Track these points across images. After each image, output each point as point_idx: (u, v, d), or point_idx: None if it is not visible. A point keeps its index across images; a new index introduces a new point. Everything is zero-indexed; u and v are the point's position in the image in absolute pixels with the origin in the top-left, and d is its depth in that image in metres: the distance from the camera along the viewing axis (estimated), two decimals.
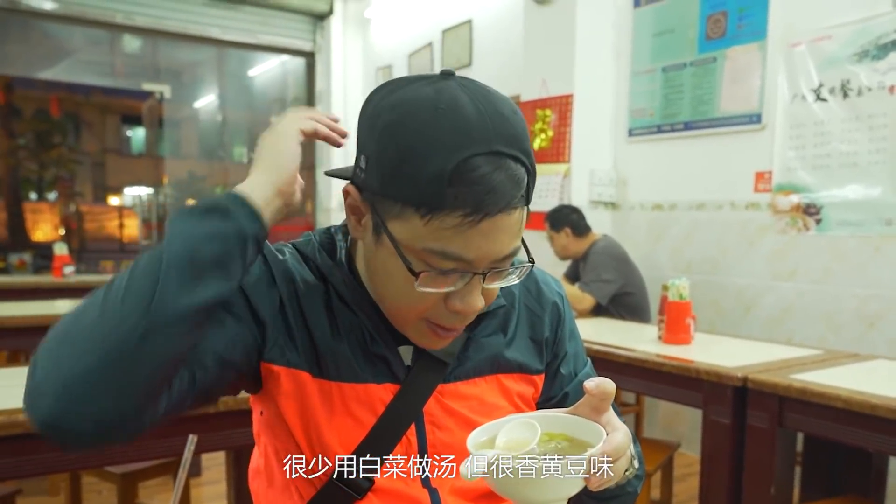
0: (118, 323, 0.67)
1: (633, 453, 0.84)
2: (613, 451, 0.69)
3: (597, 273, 3.30)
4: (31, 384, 0.67)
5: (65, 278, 4.39)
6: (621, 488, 0.86)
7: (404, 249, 0.75)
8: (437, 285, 0.76)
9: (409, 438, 0.87)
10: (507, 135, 0.73)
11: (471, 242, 0.73)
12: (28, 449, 1.45)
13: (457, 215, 0.71)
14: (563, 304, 1.01)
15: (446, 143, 0.71)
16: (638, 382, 2.35)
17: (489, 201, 0.71)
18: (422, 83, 0.76)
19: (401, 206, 0.74)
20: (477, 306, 0.79)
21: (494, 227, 0.73)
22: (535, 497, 0.68)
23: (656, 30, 3.74)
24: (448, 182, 0.70)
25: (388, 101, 0.76)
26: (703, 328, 3.24)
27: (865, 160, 2.91)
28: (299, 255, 0.90)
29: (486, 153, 0.71)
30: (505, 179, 0.72)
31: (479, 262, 0.75)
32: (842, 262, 3.02)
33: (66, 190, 10.56)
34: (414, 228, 0.73)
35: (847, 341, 2.96)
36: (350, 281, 0.87)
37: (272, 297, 0.84)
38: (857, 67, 2.92)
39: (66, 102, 10.34)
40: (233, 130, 9.28)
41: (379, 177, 0.75)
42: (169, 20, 5.80)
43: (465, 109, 0.72)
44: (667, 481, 2.52)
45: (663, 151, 3.77)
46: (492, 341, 0.93)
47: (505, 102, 0.76)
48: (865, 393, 1.76)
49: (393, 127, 0.73)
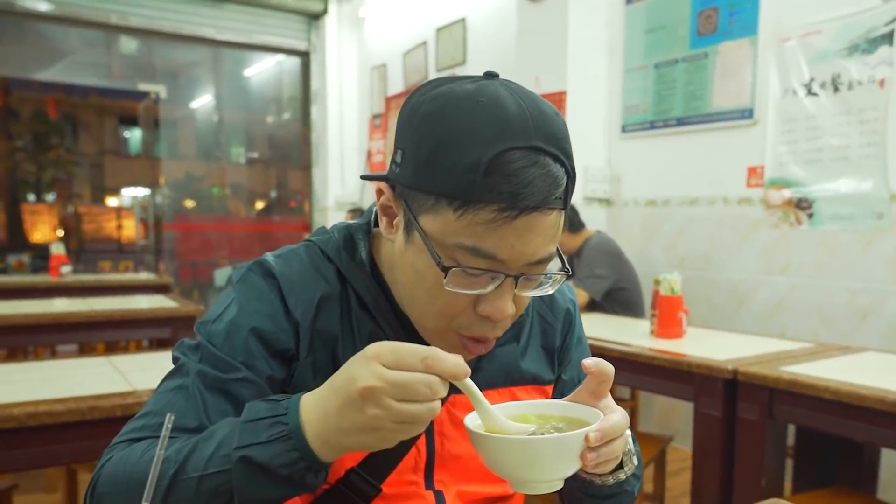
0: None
1: (632, 449, 0.84)
2: (610, 428, 0.69)
3: (590, 269, 3.31)
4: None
5: (61, 277, 4.40)
6: (619, 486, 0.83)
7: (435, 245, 0.73)
8: (467, 286, 0.73)
9: (419, 448, 0.86)
10: (547, 132, 0.71)
11: (504, 240, 0.70)
12: (21, 443, 1.46)
13: (491, 209, 0.69)
14: (574, 311, 1.00)
15: (485, 134, 0.69)
16: (630, 376, 2.37)
17: (525, 195, 0.69)
18: (465, 80, 0.75)
19: (434, 198, 0.72)
20: (507, 312, 0.75)
21: (529, 226, 0.71)
22: (530, 475, 0.68)
23: (648, 26, 3.75)
24: (484, 173, 0.68)
25: (429, 95, 0.74)
26: (696, 323, 3.26)
27: (856, 154, 2.92)
28: (320, 252, 0.86)
29: (525, 147, 0.69)
30: (542, 176, 0.70)
31: (512, 263, 0.72)
32: (834, 256, 3.03)
33: (65, 191, 10.56)
34: (446, 222, 0.71)
35: (839, 335, 2.98)
36: (372, 285, 0.85)
37: (289, 329, 0.81)
38: (847, 62, 2.94)
39: (63, 104, 10.34)
40: (229, 131, 9.29)
41: (413, 168, 0.73)
42: (163, 20, 5.81)
43: (505, 103, 0.71)
44: (660, 475, 2.53)
45: (656, 147, 3.78)
46: (505, 351, 0.91)
47: (548, 104, 0.75)
48: (854, 384, 1.78)
49: (432, 117, 0.72)
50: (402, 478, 0.85)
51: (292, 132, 7.42)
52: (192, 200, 9.76)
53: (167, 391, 0.78)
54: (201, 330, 0.82)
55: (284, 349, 0.80)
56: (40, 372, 1.83)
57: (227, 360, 0.78)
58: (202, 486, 0.67)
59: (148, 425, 0.76)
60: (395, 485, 0.85)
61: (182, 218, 8.99)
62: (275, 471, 0.66)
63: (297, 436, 0.66)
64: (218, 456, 0.67)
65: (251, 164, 10.26)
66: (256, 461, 0.66)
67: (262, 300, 0.81)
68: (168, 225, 8.29)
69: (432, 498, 0.87)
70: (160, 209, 8.36)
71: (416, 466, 0.86)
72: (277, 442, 0.66)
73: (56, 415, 1.48)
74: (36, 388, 1.61)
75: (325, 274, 0.84)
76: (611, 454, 0.70)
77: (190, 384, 0.77)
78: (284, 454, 0.66)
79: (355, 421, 0.63)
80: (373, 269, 0.86)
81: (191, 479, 0.67)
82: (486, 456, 0.69)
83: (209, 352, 0.79)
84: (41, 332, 3.01)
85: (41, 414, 1.46)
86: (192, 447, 0.69)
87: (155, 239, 8.05)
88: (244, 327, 0.79)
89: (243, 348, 0.79)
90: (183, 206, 9.50)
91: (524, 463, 0.67)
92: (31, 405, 1.48)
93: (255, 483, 0.66)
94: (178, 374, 0.80)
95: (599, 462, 0.69)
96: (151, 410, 0.78)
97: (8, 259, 5.70)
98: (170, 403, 0.77)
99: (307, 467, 0.66)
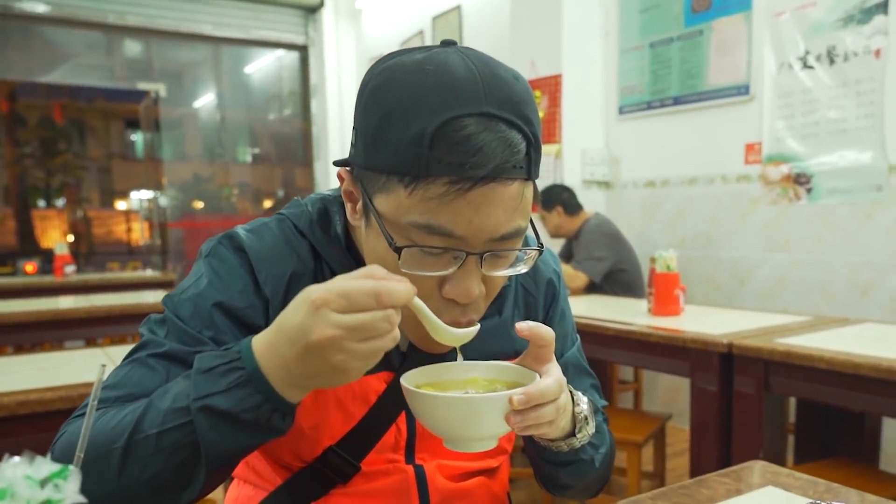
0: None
1: (589, 417, 0.81)
2: (538, 392, 0.67)
3: (589, 251, 3.30)
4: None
5: (66, 277, 4.44)
6: (575, 453, 0.81)
7: (389, 226, 0.69)
8: (427, 266, 0.70)
9: (399, 426, 0.85)
10: (500, 96, 0.67)
11: (459, 215, 0.66)
12: (12, 431, 1.47)
13: (442, 182, 0.65)
14: (558, 282, 0.97)
15: (430, 104, 0.65)
16: (627, 354, 2.36)
17: (475, 164, 0.64)
18: (416, 51, 0.71)
19: (385, 176, 0.68)
20: (473, 293, 0.71)
21: (486, 198, 0.66)
22: (458, 432, 0.68)
23: (643, 6, 3.72)
24: (430, 144, 0.65)
25: (377, 69, 0.71)
26: (698, 302, 3.24)
27: (854, 126, 2.89)
28: (293, 227, 0.84)
29: (475, 114, 0.65)
30: (494, 141, 0.65)
31: (472, 240, 0.68)
32: (834, 231, 3.00)
33: (74, 196, 10.65)
34: (398, 200, 0.68)
35: (841, 309, 2.95)
36: (347, 261, 0.82)
37: (258, 305, 0.79)
38: (842, 33, 2.90)
39: (69, 109, 10.42)
40: (233, 129, 9.32)
41: (363, 147, 0.70)
42: (161, 19, 5.84)
43: (454, 70, 0.67)
44: (659, 453, 2.52)
45: (654, 128, 3.75)
46: (489, 325, 0.87)
47: (506, 68, 0.71)
48: (849, 353, 1.76)
49: (377, 91, 0.69)
50: (382, 456, 0.85)
51: (296, 128, 7.43)
52: (201, 201, 9.81)
53: (128, 363, 0.76)
54: (168, 303, 0.80)
55: (253, 324, 0.78)
56: (35, 363, 1.84)
57: (193, 333, 0.76)
58: (161, 441, 0.64)
59: (106, 398, 0.73)
60: (374, 463, 0.84)
61: (189, 218, 9.05)
62: (239, 416, 0.63)
63: (257, 379, 0.63)
64: (175, 409, 0.64)
65: (256, 163, 10.30)
66: (219, 409, 0.63)
67: (232, 275, 0.79)
68: (172, 224, 8.34)
69: (412, 472, 0.86)
70: (165, 211, 8.40)
71: (397, 445, 0.86)
72: (238, 388, 0.63)
73: (46, 402, 1.48)
74: (29, 378, 1.62)
75: (298, 250, 0.82)
76: (540, 419, 0.68)
77: (152, 357, 0.75)
78: (247, 398, 0.63)
79: (319, 367, 0.61)
80: (349, 243, 0.84)
81: (149, 436, 0.64)
82: (417, 412, 0.69)
83: (175, 325, 0.77)
84: (46, 328, 3.06)
85: (31, 402, 1.47)
86: (145, 406, 0.67)
87: (161, 239, 8.09)
88: (212, 301, 0.78)
89: (210, 322, 0.77)
90: (191, 207, 9.56)
91: (450, 420, 0.67)
92: (21, 394, 1.48)
93: (221, 432, 0.64)
94: (143, 348, 0.77)
95: (527, 425, 0.68)
96: (111, 383, 0.75)
97: (18, 263, 5.76)
98: (129, 375, 0.75)
99: (273, 409, 0.64)
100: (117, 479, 0.64)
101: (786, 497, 0.87)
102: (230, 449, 0.65)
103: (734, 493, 0.89)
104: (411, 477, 0.86)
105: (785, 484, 0.91)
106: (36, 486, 0.38)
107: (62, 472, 0.39)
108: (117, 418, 0.67)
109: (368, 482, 0.85)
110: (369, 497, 0.85)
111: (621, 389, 3.51)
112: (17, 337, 3.10)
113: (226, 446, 0.65)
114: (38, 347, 3.37)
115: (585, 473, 0.86)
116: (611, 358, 2.58)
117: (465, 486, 0.90)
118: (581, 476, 0.87)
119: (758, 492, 0.90)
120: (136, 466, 0.64)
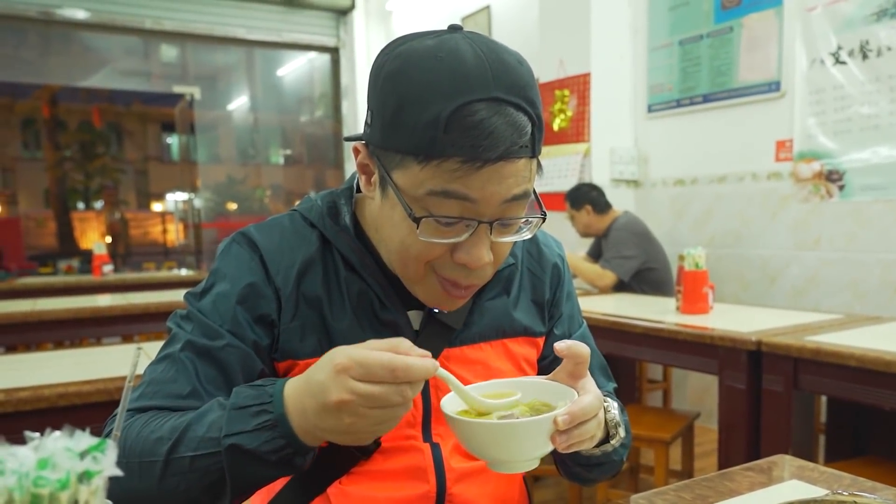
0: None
1: (620, 421, 0.84)
2: (580, 411, 0.69)
3: (617, 250, 3.29)
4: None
5: (104, 276, 4.56)
6: (607, 455, 0.84)
7: (407, 198, 0.74)
8: (441, 234, 0.75)
9: (415, 403, 0.88)
10: (508, 82, 0.72)
11: (472, 183, 0.72)
12: (51, 422, 1.52)
13: (455, 161, 0.70)
14: (563, 265, 1.02)
15: (444, 90, 0.70)
16: (655, 352, 2.35)
17: (487, 146, 0.70)
18: (426, 36, 0.76)
19: (401, 156, 0.73)
20: (484, 259, 0.77)
21: (496, 173, 0.72)
22: (501, 456, 0.70)
23: (672, 3, 3.70)
24: (444, 129, 0.70)
25: (391, 54, 0.76)
26: (728, 301, 3.21)
27: (887, 122, 2.84)
28: (304, 219, 0.90)
29: (485, 99, 0.70)
30: (504, 125, 0.70)
31: (485, 204, 0.73)
32: (866, 228, 2.95)
33: (111, 198, 10.90)
34: (414, 174, 0.73)
35: (873, 308, 2.90)
36: (357, 246, 0.87)
37: (271, 297, 0.85)
38: (875, 27, 2.85)
39: (107, 113, 10.67)
40: (265, 131, 9.44)
41: (380, 128, 0.75)
42: (196, 23, 5.95)
43: (464, 56, 0.71)
44: (687, 452, 2.51)
45: (683, 126, 3.73)
46: (496, 304, 0.92)
47: (510, 53, 0.75)
48: (881, 351, 1.74)
49: (393, 76, 0.73)
50: (401, 432, 0.88)
51: (327, 130, 7.51)
52: (234, 202, 9.94)
53: (161, 360, 0.83)
54: (190, 300, 0.87)
55: (266, 315, 0.84)
56: (73, 358, 1.91)
57: (214, 327, 0.82)
58: (194, 464, 0.71)
59: (145, 394, 0.80)
60: (393, 439, 0.87)
61: (223, 219, 9.18)
62: (263, 457, 0.69)
63: (282, 424, 0.69)
64: (208, 438, 0.71)
65: (288, 165, 10.41)
66: (245, 448, 0.69)
67: (245, 269, 0.85)
68: (206, 224, 8.47)
69: (429, 450, 0.89)
70: (200, 212, 8.53)
71: (413, 421, 0.89)
72: (264, 430, 0.69)
73: (84, 395, 1.54)
74: (69, 371, 1.69)
75: (309, 239, 0.87)
76: (583, 435, 0.71)
77: (182, 352, 0.82)
78: (271, 441, 0.69)
79: (334, 425, 0.67)
80: (358, 232, 0.89)
81: (184, 458, 0.71)
82: (461, 438, 0.71)
83: (198, 319, 0.83)
84: (84, 325, 3.16)
85: (70, 395, 1.53)
86: (184, 427, 0.73)
87: (195, 240, 8.24)
88: (229, 295, 0.84)
89: (229, 316, 0.83)
90: (225, 209, 9.70)
91: (495, 445, 0.69)
92: (61, 386, 1.54)
93: (246, 468, 0.70)
94: (172, 343, 0.84)
95: (571, 443, 0.70)
96: (147, 379, 0.82)
97: (58, 263, 5.92)
98: (164, 372, 0.81)
99: (294, 452, 0.70)
100: (157, 486, 0.72)
101: (810, 491, 0.86)
102: (254, 481, 0.72)
103: (758, 487, 0.89)
104: (429, 456, 0.89)
105: (810, 478, 0.91)
106: (75, 457, 0.41)
107: (100, 446, 0.42)
108: (159, 432, 0.74)
109: (387, 459, 0.87)
110: (387, 477, 0.87)
111: (650, 389, 3.50)
112: (58, 333, 3.19)
113: (250, 479, 0.71)
114: (77, 343, 3.45)
115: (614, 471, 0.91)
116: (639, 356, 2.57)
117: (481, 465, 0.92)
118: (610, 473, 0.91)
119: (782, 485, 0.89)
120: (173, 480, 0.72)
